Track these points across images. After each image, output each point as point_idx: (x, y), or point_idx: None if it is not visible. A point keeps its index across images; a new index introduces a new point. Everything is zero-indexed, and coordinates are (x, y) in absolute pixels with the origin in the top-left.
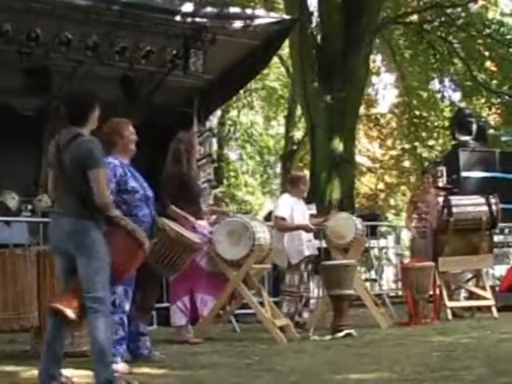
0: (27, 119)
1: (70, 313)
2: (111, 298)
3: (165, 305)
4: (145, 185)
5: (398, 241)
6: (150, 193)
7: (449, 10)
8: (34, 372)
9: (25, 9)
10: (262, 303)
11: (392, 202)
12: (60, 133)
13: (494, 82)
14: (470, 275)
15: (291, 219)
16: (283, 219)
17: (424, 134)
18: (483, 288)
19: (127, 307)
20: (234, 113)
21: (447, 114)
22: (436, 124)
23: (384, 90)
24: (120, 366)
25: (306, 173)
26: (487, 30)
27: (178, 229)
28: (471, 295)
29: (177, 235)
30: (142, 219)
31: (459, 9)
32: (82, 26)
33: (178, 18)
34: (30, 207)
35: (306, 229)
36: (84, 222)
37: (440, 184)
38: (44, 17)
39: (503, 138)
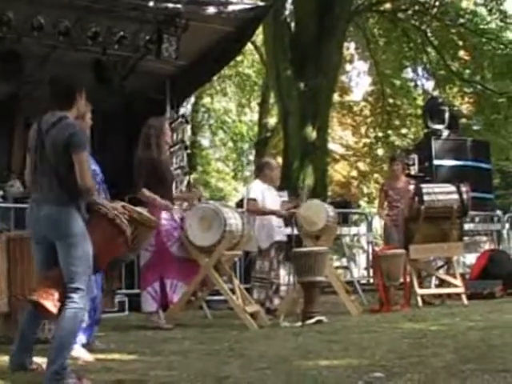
0: None
1: (51, 306)
2: None
3: (136, 291)
4: (98, 167)
5: (370, 228)
6: (102, 176)
7: None
8: (5, 358)
9: None
10: (233, 290)
11: (365, 189)
12: (41, 116)
13: (467, 71)
14: (440, 263)
15: (263, 204)
16: (254, 201)
17: (397, 122)
18: (453, 276)
19: (95, 293)
20: (207, 99)
21: (420, 102)
22: (409, 112)
23: (358, 77)
24: (83, 354)
25: (273, 159)
26: (461, 20)
27: (136, 208)
28: (442, 283)
29: (139, 214)
30: None
31: None
32: (54, 10)
33: (151, 3)
34: (1, 193)
35: (277, 214)
36: (65, 208)
37: (412, 172)
38: (16, 0)
39: (475, 127)
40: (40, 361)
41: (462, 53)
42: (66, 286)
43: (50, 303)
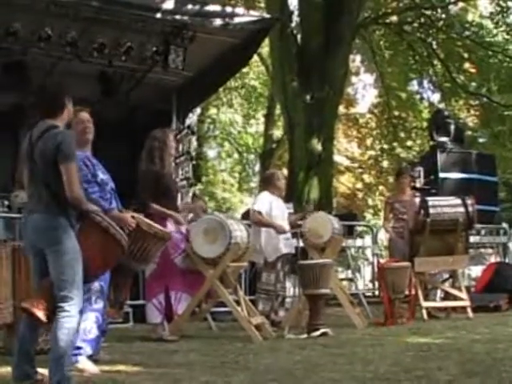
0: (4, 114)
1: (40, 313)
2: (86, 296)
3: (141, 302)
4: (109, 176)
5: (375, 241)
6: (113, 185)
7: (428, 12)
8: (8, 369)
9: (4, 3)
10: (238, 301)
11: (370, 201)
12: (34, 126)
13: (473, 83)
14: (446, 276)
15: (269, 215)
16: (259, 213)
17: (402, 135)
18: (459, 288)
19: (102, 304)
20: (213, 111)
21: (426, 115)
22: (414, 125)
23: (363, 90)
24: (88, 366)
25: (278, 170)
26: (466, 32)
27: (147, 220)
28: (447, 296)
29: (149, 226)
30: None
31: (439, 10)
32: (61, 21)
33: (158, 15)
34: (6, 203)
35: (278, 229)
36: (54, 218)
37: (417, 185)
38: (23, 12)
39: (480, 140)
40: (45, 371)
41: (467, 65)
42: (55, 294)
43: (39, 310)
